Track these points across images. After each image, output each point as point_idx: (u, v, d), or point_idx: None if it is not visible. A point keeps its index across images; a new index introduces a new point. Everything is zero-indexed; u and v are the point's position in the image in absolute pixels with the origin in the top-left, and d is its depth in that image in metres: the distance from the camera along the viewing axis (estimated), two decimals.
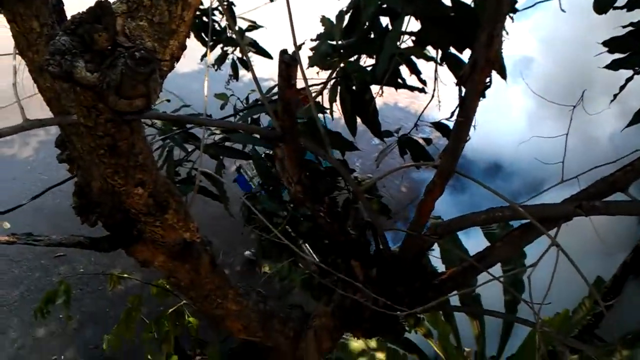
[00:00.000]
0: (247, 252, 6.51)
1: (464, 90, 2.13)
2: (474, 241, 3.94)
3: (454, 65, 2.77)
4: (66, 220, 2.49)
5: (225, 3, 4.35)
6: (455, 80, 2.36)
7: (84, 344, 6.01)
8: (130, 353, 5.27)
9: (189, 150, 3.44)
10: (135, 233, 2.25)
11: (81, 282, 6.15)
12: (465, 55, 2.63)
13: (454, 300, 3.96)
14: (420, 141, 3.16)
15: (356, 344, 3.99)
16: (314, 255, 3.28)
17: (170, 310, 2.87)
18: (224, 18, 4.43)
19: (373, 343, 3.99)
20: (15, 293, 6.31)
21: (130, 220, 2.20)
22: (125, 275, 2.86)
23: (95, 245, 2.27)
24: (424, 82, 2.94)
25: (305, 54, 2.72)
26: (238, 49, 4.53)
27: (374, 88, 2.97)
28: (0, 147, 7.83)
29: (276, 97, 2.79)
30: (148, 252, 2.31)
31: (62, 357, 5.93)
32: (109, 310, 6.08)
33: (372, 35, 2.84)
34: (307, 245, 3.38)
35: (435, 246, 3.87)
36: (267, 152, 3.63)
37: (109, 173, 1.76)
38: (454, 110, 2.37)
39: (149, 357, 2.95)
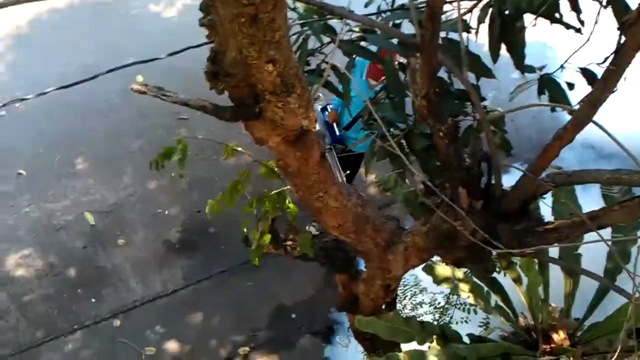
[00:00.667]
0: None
1: (623, 38, 1.98)
2: (589, 199, 3.77)
3: (620, 9, 2.55)
4: (195, 85, 2.57)
5: None
6: (617, 26, 2.18)
7: (188, 204, 6.36)
8: (228, 223, 5.53)
9: (324, 42, 3.42)
10: (257, 110, 2.30)
11: (198, 147, 6.42)
12: (634, 2, 2.42)
13: (554, 253, 3.85)
14: (563, 84, 2.99)
15: (442, 269, 3.99)
16: (423, 174, 3.24)
17: (273, 192, 2.96)
18: None
19: (459, 273, 3.98)
20: (135, 144, 6.70)
21: (255, 96, 2.25)
22: (240, 149, 2.95)
23: (218, 112, 2.34)
24: (582, 22, 2.74)
25: None
26: None
27: (527, 18, 2.80)
28: (147, 3, 8.12)
29: (424, 5, 2.69)
30: (265, 131, 2.36)
31: (167, 212, 6.32)
32: (217, 179, 6.36)
33: None
34: (418, 162, 3.35)
35: (549, 196, 3.74)
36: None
37: (245, 44, 1.79)
38: (608, 57, 2.21)
39: (245, 230, 3.08)
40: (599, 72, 2.29)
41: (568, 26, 2.77)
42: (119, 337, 5.58)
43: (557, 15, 2.76)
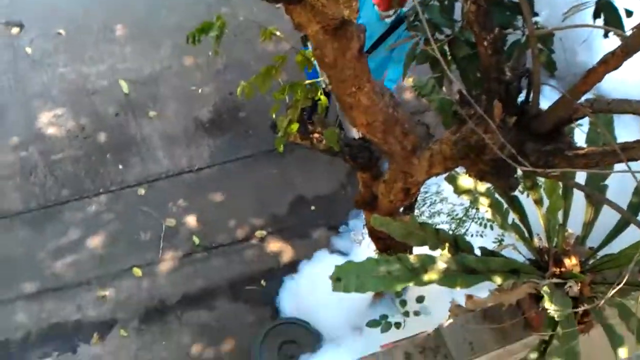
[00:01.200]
0: None
1: None
2: (627, 131, 3.69)
3: None
4: None
5: None
6: None
7: (222, 85, 6.35)
8: (259, 109, 5.55)
9: None
10: None
11: (238, 29, 6.35)
12: None
13: (580, 180, 3.82)
14: (621, 10, 2.85)
15: (465, 181, 3.99)
16: (461, 83, 3.19)
17: (307, 82, 2.93)
18: None
19: (481, 187, 3.97)
20: (176, 18, 6.62)
21: None
22: (278, 33, 2.90)
23: None
24: None
25: None
26: None
27: None
28: None
29: None
30: (305, 17, 2.32)
31: (200, 90, 6.32)
32: (253, 63, 6.30)
33: None
34: (458, 70, 3.28)
35: (585, 123, 3.66)
36: None
37: None
38: None
39: (274, 115, 3.08)
40: None
41: None
42: (141, 205, 5.74)
43: None
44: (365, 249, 4.88)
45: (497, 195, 4.03)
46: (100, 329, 5.27)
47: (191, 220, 5.75)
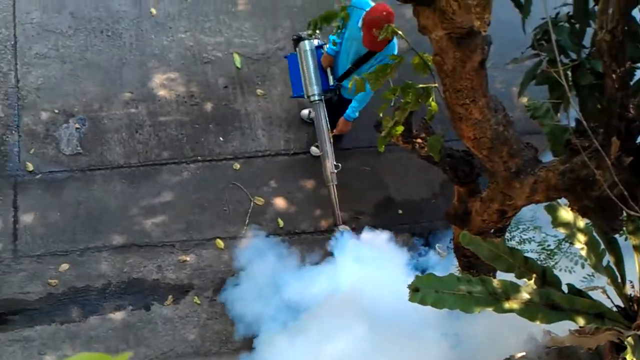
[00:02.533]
0: None
1: None
2: None
3: None
4: None
5: None
6: None
7: None
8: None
9: None
10: None
11: None
12: None
13: None
14: None
15: (564, 213, 3.83)
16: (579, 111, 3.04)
17: (420, 85, 2.88)
18: None
19: (581, 223, 3.80)
20: (297, 1, 6.65)
21: None
22: (399, 33, 2.86)
23: None
24: None
25: None
26: None
27: None
28: None
29: None
30: (432, 20, 2.27)
31: None
32: None
33: None
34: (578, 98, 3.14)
35: None
36: None
37: None
38: None
39: (380, 114, 3.04)
40: None
41: None
42: (234, 179, 5.84)
43: None
44: (447, 265, 4.79)
45: (595, 234, 3.85)
46: (175, 292, 5.43)
47: (279, 202, 5.81)
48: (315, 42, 5.26)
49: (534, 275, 3.42)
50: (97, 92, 5.98)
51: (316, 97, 5.20)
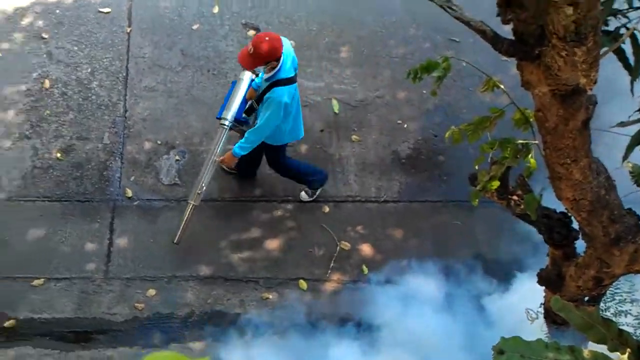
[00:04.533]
0: None
1: None
2: None
3: None
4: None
5: None
6: None
7: (428, 125, 6.34)
8: (459, 155, 5.45)
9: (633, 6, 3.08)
10: (536, 52, 2.15)
11: (458, 74, 6.29)
12: None
13: None
14: None
15: None
16: None
17: (519, 141, 2.81)
18: None
19: None
20: (400, 50, 6.72)
21: (540, 36, 2.10)
22: (501, 87, 2.81)
23: (496, 42, 2.24)
24: None
25: None
26: None
27: None
28: None
29: None
30: (536, 76, 2.23)
31: (405, 125, 6.36)
32: (466, 111, 6.23)
33: None
34: None
35: None
36: None
37: None
38: None
39: (476, 167, 2.99)
40: None
41: None
42: (323, 221, 5.86)
43: None
44: (537, 330, 4.58)
45: None
46: (255, 328, 5.44)
47: (365, 248, 5.77)
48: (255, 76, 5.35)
49: (628, 350, 3.21)
50: (199, 127, 6.20)
51: (226, 124, 5.27)
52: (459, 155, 5.54)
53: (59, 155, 5.98)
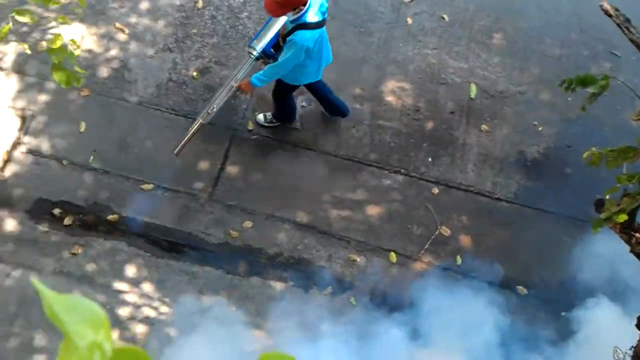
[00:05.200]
0: None
1: None
2: None
3: None
4: None
5: None
6: None
7: (565, 134, 6.09)
8: (589, 175, 5.17)
9: None
10: None
11: (610, 91, 5.92)
12: None
13: None
14: None
15: None
16: None
17: None
18: None
19: None
20: (555, 50, 6.41)
21: None
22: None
23: None
24: None
25: None
26: None
27: None
28: None
29: None
30: None
31: (541, 128, 6.11)
32: (609, 133, 5.94)
33: None
34: None
35: None
36: None
37: None
38: None
39: (607, 196, 2.83)
40: None
41: None
42: (429, 202, 5.78)
43: None
44: None
45: None
46: (335, 286, 5.49)
47: (465, 239, 5.66)
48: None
49: None
50: (332, 79, 6.19)
51: (254, 53, 5.21)
52: (588, 173, 5.25)
53: (194, 74, 6.17)
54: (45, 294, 0.65)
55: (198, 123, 5.43)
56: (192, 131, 5.45)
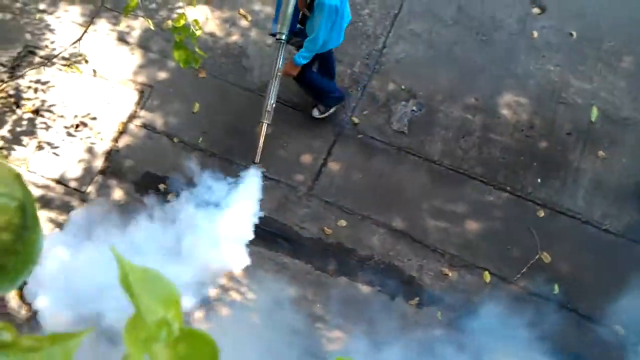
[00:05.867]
0: None
1: None
2: None
3: None
4: None
5: None
6: None
7: None
8: None
9: None
10: None
11: None
12: None
13: None
14: None
15: None
16: None
17: None
18: None
19: None
20: None
21: None
22: None
23: None
24: None
25: None
26: None
27: None
28: None
29: None
30: None
31: None
32: None
33: None
34: None
35: None
36: None
37: None
38: None
39: None
40: None
41: None
42: (533, 225, 5.54)
43: None
44: None
45: None
46: (423, 297, 5.37)
47: (565, 268, 5.39)
48: None
49: None
50: (446, 86, 6.06)
51: (283, 38, 5.06)
52: None
53: None
54: (122, 263, 0.63)
55: (265, 126, 5.35)
56: (262, 135, 5.36)
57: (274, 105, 5.32)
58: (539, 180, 5.69)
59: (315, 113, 5.96)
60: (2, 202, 0.66)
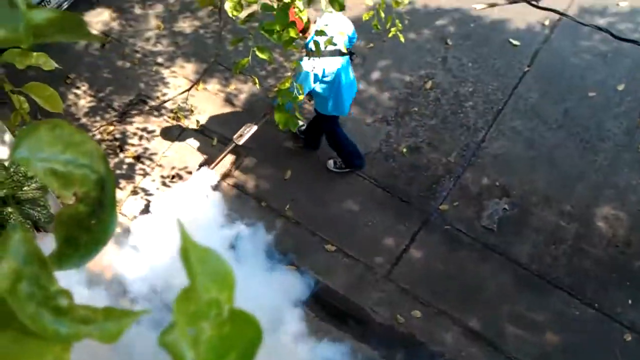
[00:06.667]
0: None
1: None
2: None
3: None
4: None
5: None
6: None
7: None
8: None
9: None
10: None
11: None
12: None
13: None
14: None
15: None
16: None
17: None
18: None
19: None
20: None
21: None
22: None
23: None
24: None
25: None
26: None
27: None
28: None
29: None
30: None
31: None
32: None
33: None
34: None
35: None
36: None
37: None
38: None
39: None
40: None
41: None
42: (617, 346, 5.22)
43: None
44: None
45: None
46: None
47: None
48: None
49: None
50: (542, 189, 5.91)
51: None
52: None
53: (404, 150, 6.19)
54: (185, 238, 0.64)
55: (232, 144, 5.83)
56: (226, 152, 5.88)
57: (251, 132, 5.69)
58: (630, 301, 5.39)
59: (330, 164, 6.08)
60: (83, 172, 0.68)
